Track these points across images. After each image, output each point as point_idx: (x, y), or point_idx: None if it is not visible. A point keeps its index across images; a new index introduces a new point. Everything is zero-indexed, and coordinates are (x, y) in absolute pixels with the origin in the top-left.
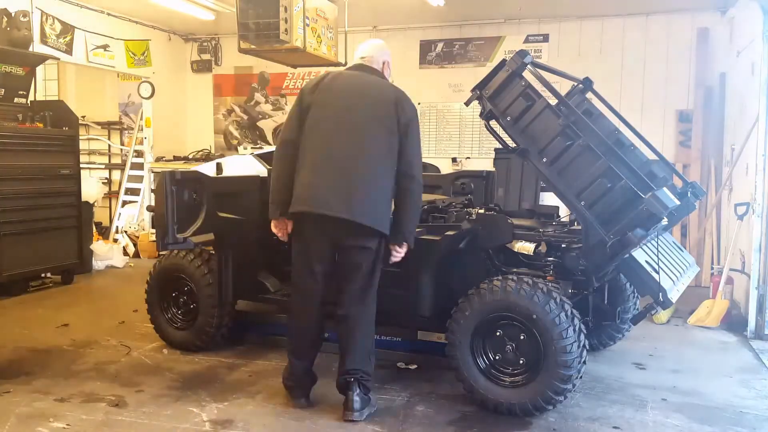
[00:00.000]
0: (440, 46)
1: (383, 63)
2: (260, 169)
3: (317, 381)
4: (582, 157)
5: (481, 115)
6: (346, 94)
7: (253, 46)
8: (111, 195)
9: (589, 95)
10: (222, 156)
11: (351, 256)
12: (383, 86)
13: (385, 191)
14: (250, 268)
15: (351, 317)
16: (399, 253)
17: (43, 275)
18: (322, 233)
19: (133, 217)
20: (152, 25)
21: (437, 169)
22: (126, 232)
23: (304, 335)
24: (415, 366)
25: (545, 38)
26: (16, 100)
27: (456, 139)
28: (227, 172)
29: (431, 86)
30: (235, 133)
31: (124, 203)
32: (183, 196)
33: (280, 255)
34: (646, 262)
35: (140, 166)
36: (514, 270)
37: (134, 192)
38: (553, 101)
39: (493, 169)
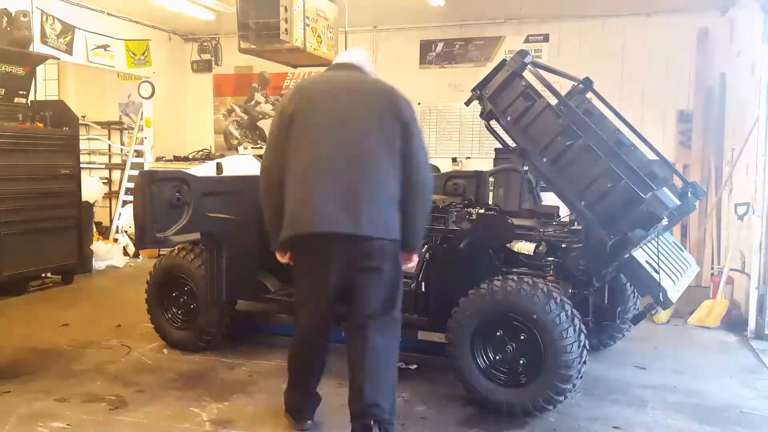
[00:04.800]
0: (440, 46)
1: (360, 62)
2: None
3: (321, 401)
4: (582, 157)
5: (481, 115)
6: (333, 96)
7: (253, 46)
8: (111, 195)
9: (590, 95)
10: (222, 156)
11: (369, 276)
12: (373, 81)
13: (394, 198)
14: (248, 268)
15: (373, 343)
16: (410, 263)
17: (43, 275)
18: (330, 255)
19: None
20: (152, 25)
21: (437, 170)
22: (126, 232)
23: (308, 367)
24: (415, 366)
25: (545, 38)
26: (16, 100)
27: (456, 139)
28: (227, 172)
29: (431, 86)
30: (236, 133)
31: (125, 203)
32: (164, 195)
33: None
34: (647, 262)
35: (140, 166)
36: (515, 270)
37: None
38: (553, 101)
39: (486, 170)
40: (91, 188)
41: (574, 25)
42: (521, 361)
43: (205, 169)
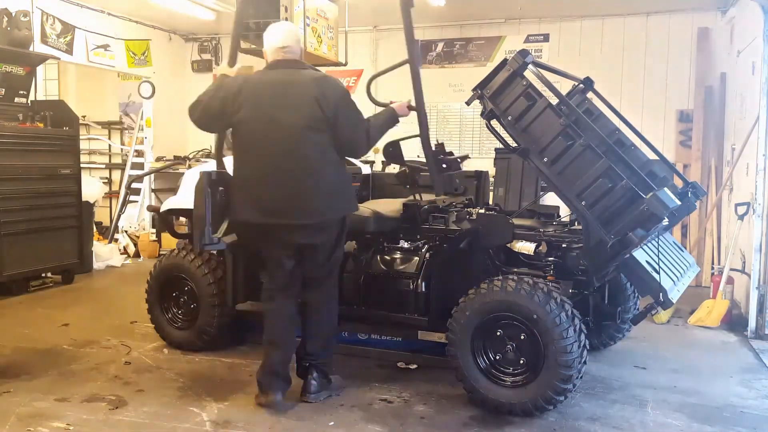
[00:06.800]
0: (440, 46)
1: (301, 50)
2: None
3: (290, 383)
4: (583, 156)
5: (482, 114)
6: (271, 103)
7: (253, 46)
8: (111, 195)
9: (590, 95)
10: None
11: (308, 251)
12: (304, 83)
13: (330, 183)
14: (251, 268)
15: (310, 304)
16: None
17: (43, 275)
18: (276, 239)
19: (134, 217)
20: (153, 24)
21: None
22: (126, 231)
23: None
24: (415, 366)
25: (546, 38)
26: (16, 99)
27: (456, 139)
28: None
29: (431, 86)
30: None
31: (126, 202)
32: (216, 196)
33: None
34: (647, 262)
35: (141, 166)
36: (515, 270)
37: (135, 192)
38: (554, 101)
39: (486, 170)
40: (91, 188)
41: (575, 24)
42: (521, 361)
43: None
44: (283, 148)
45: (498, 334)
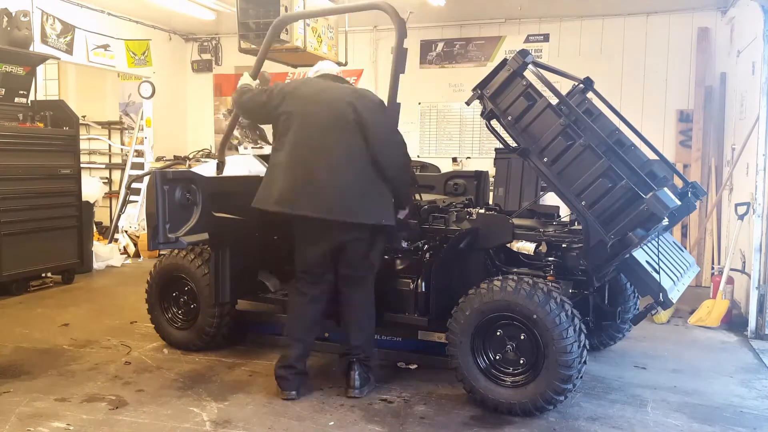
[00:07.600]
0: (440, 45)
1: (338, 72)
2: (260, 169)
3: (307, 375)
4: (583, 156)
5: (482, 114)
6: (309, 100)
7: (253, 46)
8: (111, 195)
9: (590, 95)
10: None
11: (344, 248)
12: (341, 88)
13: (360, 183)
14: (251, 268)
15: (351, 302)
16: (400, 215)
17: (43, 275)
18: (311, 232)
19: (134, 217)
20: (153, 24)
21: (437, 169)
22: (126, 231)
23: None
24: (415, 366)
25: (546, 38)
26: (16, 99)
27: (456, 139)
28: (228, 172)
29: (431, 86)
30: (236, 133)
31: (125, 203)
32: (175, 195)
33: (281, 255)
34: (647, 262)
35: (141, 166)
36: (515, 270)
37: (135, 192)
38: (554, 101)
39: (485, 170)
40: (91, 188)
41: (575, 24)
42: (521, 361)
43: (205, 170)
44: (310, 142)
45: (498, 334)
